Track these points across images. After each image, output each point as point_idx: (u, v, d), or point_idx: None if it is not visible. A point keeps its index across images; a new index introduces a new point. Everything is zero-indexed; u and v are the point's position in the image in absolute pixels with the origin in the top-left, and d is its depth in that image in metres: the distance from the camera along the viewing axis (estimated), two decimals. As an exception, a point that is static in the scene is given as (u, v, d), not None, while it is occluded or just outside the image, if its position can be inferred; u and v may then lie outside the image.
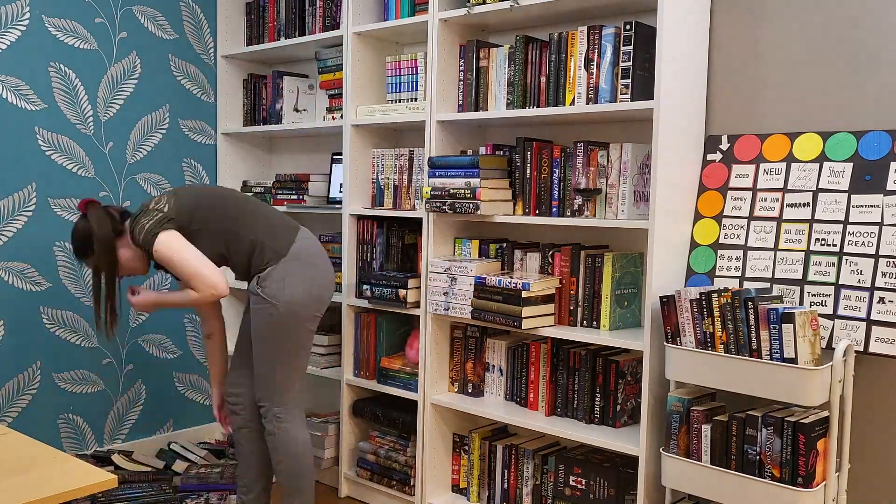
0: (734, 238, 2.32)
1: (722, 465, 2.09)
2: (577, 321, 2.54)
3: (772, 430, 2.00)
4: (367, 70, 3.07)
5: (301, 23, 3.28)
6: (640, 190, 2.41)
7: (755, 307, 2.02)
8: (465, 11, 2.64)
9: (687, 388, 2.23)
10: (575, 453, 2.57)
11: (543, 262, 2.61)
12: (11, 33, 2.97)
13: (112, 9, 3.25)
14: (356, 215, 3.07)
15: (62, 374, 3.17)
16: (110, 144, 3.28)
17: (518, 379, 2.71)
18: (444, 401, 2.79)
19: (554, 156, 2.55)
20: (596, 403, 2.51)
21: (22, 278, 3.04)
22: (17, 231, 3.02)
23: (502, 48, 2.66)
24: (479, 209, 2.57)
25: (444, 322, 2.84)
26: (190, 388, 3.63)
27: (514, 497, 2.72)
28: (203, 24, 3.57)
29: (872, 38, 2.17)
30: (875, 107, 2.17)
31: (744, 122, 2.39)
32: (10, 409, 3.03)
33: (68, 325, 3.18)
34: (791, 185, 2.24)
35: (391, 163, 2.99)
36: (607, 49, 2.39)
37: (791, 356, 1.97)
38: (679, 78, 2.29)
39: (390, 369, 2.96)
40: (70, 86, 3.14)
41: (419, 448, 2.85)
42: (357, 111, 3.04)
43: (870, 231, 2.09)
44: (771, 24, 2.34)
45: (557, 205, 2.53)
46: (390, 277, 2.86)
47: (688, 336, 2.15)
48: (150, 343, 3.46)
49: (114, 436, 3.36)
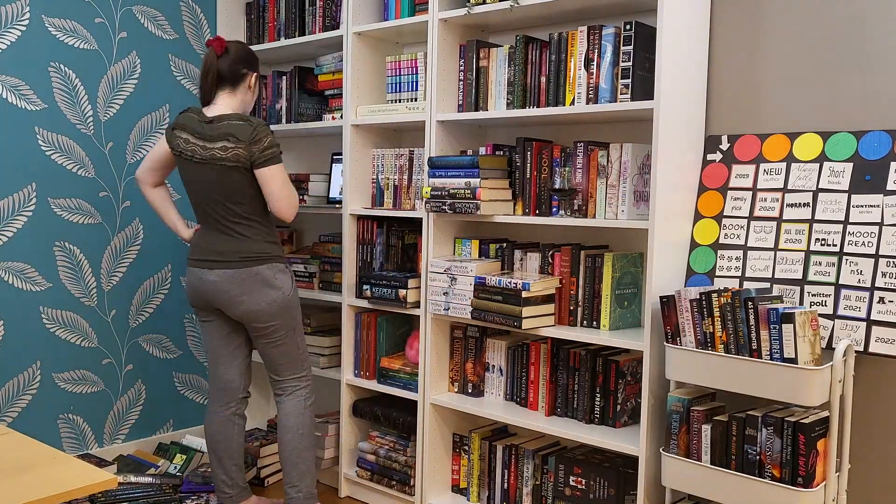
0: (734, 238, 2.31)
1: (722, 465, 2.09)
2: (577, 321, 2.54)
3: (772, 430, 2.00)
4: (367, 70, 3.07)
5: (301, 23, 3.28)
6: (640, 190, 2.41)
7: (755, 307, 2.02)
8: (465, 11, 2.64)
9: (687, 388, 2.23)
10: (575, 453, 2.57)
11: (543, 262, 2.61)
12: (11, 33, 2.97)
13: (112, 9, 3.25)
14: (356, 215, 3.07)
15: (62, 374, 3.17)
16: (110, 144, 3.28)
17: (518, 379, 2.71)
18: (444, 401, 2.79)
19: (554, 156, 2.55)
20: (596, 403, 2.51)
21: (22, 278, 3.04)
22: (17, 231, 3.02)
23: (502, 48, 2.66)
24: (479, 209, 2.57)
25: (444, 322, 2.84)
26: (190, 388, 3.63)
27: (514, 497, 2.72)
28: (203, 24, 3.57)
29: (872, 38, 2.17)
30: (875, 107, 2.17)
31: (744, 122, 2.39)
32: (10, 409, 3.03)
33: (68, 325, 3.18)
34: (791, 185, 2.24)
35: (391, 163, 2.99)
36: (607, 49, 2.39)
37: (791, 356, 1.97)
38: (679, 78, 2.29)
39: (390, 369, 2.96)
40: (70, 86, 3.14)
41: (419, 448, 2.85)
42: (357, 111, 3.04)
43: (870, 231, 2.09)
44: (771, 25, 2.34)
45: (557, 205, 2.53)
46: (390, 277, 2.86)
47: (688, 336, 2.15)
48: (150, 343, 3.46)
49: (114, 436, 3.36)
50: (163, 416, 3.53)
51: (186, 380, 3.61)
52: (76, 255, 3.19)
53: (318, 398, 3.59)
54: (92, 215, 3.23)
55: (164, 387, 3.52)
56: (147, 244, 3.42)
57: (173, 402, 3.57)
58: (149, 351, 3.46)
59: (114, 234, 3.30)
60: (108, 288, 3.29)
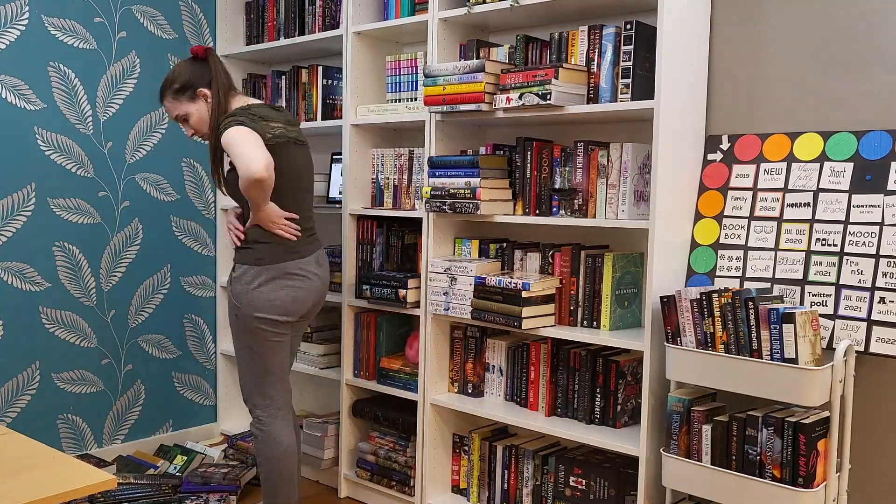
0: (735, 238, 2.31)
1: (722, 465, 2.09)
2: (578, 321, 2.53)
3: (772, 430, 2.00)
4: (367, 70, 3.07)
5: (301, 22, 3.28)
6: (640, 190, 2.41)
7: (756, 307, 2.02)
8: (465, 11, 2.64)
9: (687, 388, 2.23)
10: (575, 454, 2.57)
11: (543, 262, 2.61)
12: (11, 33, 2.97)
13: (112, 8, 3.25)
14: (356, 215, 3.07)
15: (62, 374, 3.17)
16: (109, 144, 3.28)
17: (518, 379, 2.71)
18: (443, 401, 2.78)
19: (554, 156, 2.54)
20: (596, 404, 2.51)
21: (21, 278, 3.04)
22: (17, 231, 3.02)
23: (502, 48, 2.65)
24: (479, 209, 2.57)
25: (444, 322, 2.84)
26: (189, 388, 3.62)
27: (514, 497, 2.71)
28: (203, 23, 3.57)
29: (872, 38, 2.16)
30: (875, 107, 2.16)
31: (744, 122, 2.39)
32: (10, 409, 3.03)
33: (68, 325, 3.18)
34: (791, 185, 2.24)
35: (391, 162, 2.99)
36: (607, 49, 2.39)
37: (791, 356, 1.97)
38: (679, 78, 2.29)
39: (390, 369, 2.96)
40: (69, 86, 3.14)
41: (419, 448, 2.85)
42: (357, 111, 3.04)
43: (870, 231, 2.09)
44: (771, 24, 2.33)
45: (557, 205, 2.53)
46: (390, 277, 2.86)
47: (688, 336, 2.15)
48: (149, 343, 3.46)
49: (113, 436, 3.35)
50: (162, 416, 3.52)
51: (186, 380, 3.61)
52: (75, 255, 3.18)
53: (318, 398, 3.58)
54: (91, 215, 3.23)
55: (164, 387, 3.52)
56: (147, 244, 3.41)
57: (173, 402, 3.56)
58: (148, 351, 3.45)
59: (113, 234, 3.30)
60: (107, 288, 3.29)
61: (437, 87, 2.62)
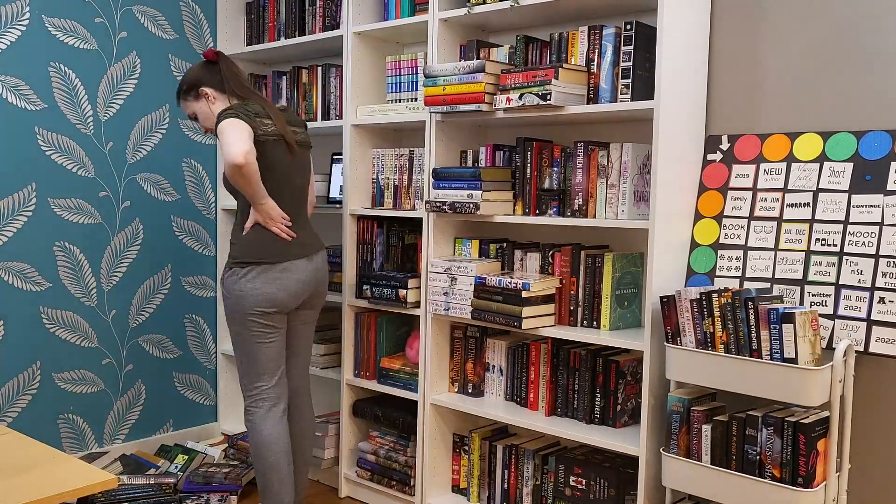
0: (734, 238, 2.31)
1: (722, 465, 2.09)
2: (578, 321, 2.54)
3: (772, 430, 2.00)
4: (367, 70, 3.07)
5: (301, 23, 3.28)
6: (640, 190, 2.41)
7: (755, 307, 2.02)
8: (465, 11, 2.64)
9: (687, 388, 2.23)
10: (575, 453, 2.57)
11: (543, 262, 2.61)
12: (11, 33, 2.97)
13: (112, 9, 3.25)
14: (356, 215, 3.07)
15: (62, 374, 3.17)
16: (110, 144, 3.28)
17: (518, 379, 2.71)
18: (444, 401, 2.79)
19: (554, 156, 2.55)
20: (596, 403, 2.51)
21: (22, 278, 3.04)
22: (17, 231, 3.02)
23: (502, 48, 2.65)
24: (478, 209, 2.57)
25: (444, 322, 2.84)
26: (190, 388, 3.63)
27: (514, 497, 2.72)
28: (203, 23, 3.57)
29: (872, 38, 2.17)
30: (875, 107, 2.16)
31: (744, 122, 2.39)
32: (10, 409, 3.03)
33: (68, 325, 3.18)
34: (791, 185, 2.24)
35: (391, 163, 2.99)
36: (607, 49, 2.39)
37: (791, 356, 1.97)
38: (679, 78, 2.29)
39: (390, 369, 2.96)
40: (70, 86, 3.14)
41: (419, 448, 2.85)
42: (357, 111, 3.04)
43: (870, 231, 2.09)
44: (771, 25, 2.33)
45: (557, 205, 2.53)
46: (390, 277, 2.86)
47: (688, 336, 2.15)
48: (150, 343, 3.46)
49: (114, 436, 3.36)
50: (163, 416, 3.53)
51: (186, 380, 3.61)
52: (76, 255, 3.19)
53: (318, 398, 3.58)
54: (92, 215, 3.23)
55: (164, 387, 3.52)
56: (147, 244, 3.42)
57: (173, 402, 3.56)
58: (149, 351, 3.46)
59: (114, 234, 3.30)
60: (107, 288, 3.29)
61: (437, 88, 2.63)
